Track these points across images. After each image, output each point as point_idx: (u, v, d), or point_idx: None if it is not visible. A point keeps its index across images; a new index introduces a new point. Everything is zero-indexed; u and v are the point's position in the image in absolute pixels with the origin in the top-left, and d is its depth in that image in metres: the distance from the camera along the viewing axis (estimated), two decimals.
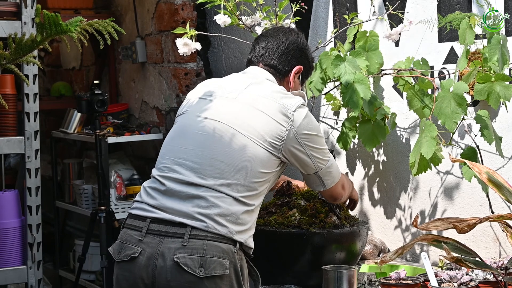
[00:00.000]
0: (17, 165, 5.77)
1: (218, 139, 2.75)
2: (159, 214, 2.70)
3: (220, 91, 2.87)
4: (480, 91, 3.02)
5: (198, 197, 2.68)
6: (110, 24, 2.32)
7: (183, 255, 2.63)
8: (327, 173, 2.93)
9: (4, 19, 4.06)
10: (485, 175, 2.64)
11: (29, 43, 2.13)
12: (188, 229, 2.65)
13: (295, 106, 2.80)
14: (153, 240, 2.68)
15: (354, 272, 2.82)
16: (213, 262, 2.63)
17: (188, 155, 2.75)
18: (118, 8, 5.48)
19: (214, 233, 2.65)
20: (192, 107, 2.86)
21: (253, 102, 2.80)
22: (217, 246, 2.65)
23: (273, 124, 2.77)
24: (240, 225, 2.70)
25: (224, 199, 2.68)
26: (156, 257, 2.66)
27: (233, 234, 2.68)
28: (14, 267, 4.14)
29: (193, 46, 3.24)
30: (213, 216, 2.65)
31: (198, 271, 2.62)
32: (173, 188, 2.72)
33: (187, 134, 2.80)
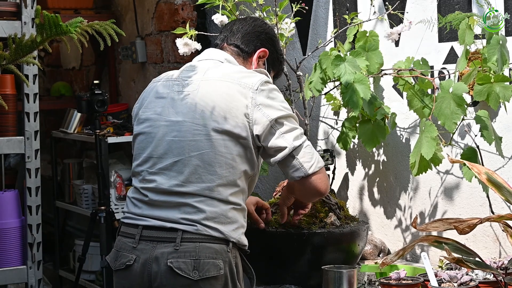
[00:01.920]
0: (17, 165, 5.77)
1: (190, 143, 2.71)
2: (150, 222, 2.70)
3: (178, 87, 2.80)
4: (479, 92, 3.02)
5: (183, 205, 2.67)
6: (111, 26, 2.32)
7: (176, 259, 2.63)
8: (304, 153, 2.73)
9: (4, 19, 4.06)
10: (484, 175, 2.64)
11: (29, 44, 2.14)
12: (179, 233, 2.65)
13: (258, 83, 2.73)
14: (147, 246, 2.69)
15: (354, 272, 2.82)
16: (206, 264, 2.63)
17: (165, 163, 2.72)
18: (118, 8, 5.48)
19: (205, 235, 2.65)
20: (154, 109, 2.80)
21: (214, 90, 2.73)
22: (209, 247, 2.64)
23: (239, 109, 2.69)
24: (230, 224, 2.69)
25: (209, 202, 2.66)
26: (151, 263, 2.66)
27: (225, 235, 2.67)
28: (14, 267, 4.14)
29: (193, 46, 3.24)
30: (201, 221, 2.65)
31: (192, 274, 2.62)
32: (156, 199, 2.71)
33: (158, 143, 2.75)
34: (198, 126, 2.70)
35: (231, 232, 2.68)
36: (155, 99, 2.81)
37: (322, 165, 2.78)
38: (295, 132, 2.74)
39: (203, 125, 2.70)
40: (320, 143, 3.93)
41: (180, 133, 2.72)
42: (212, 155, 2.68)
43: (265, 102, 2.72)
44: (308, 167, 2.74)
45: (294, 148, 2.72)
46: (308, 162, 2.74)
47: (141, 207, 2.74)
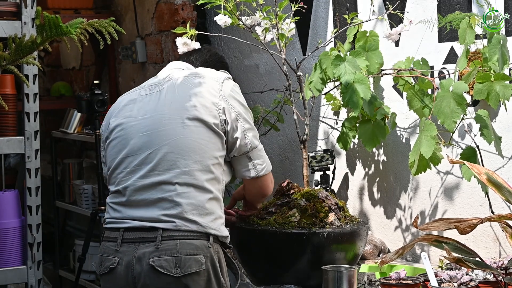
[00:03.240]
0: (17, 165, 5.77)
1: (160, 133, 2.79)
2: (130, 223, 2.76)
3: (145, 91, 2.92)
4: (479, 91, 3.02)
5: (161, 200, 2.73)
6: (110, 24, 2.32)
7: (158, 257, 2.69)
8: (259, 156, 2.90)
9: (4, 19, 4.06)
10: (484, 175, 2.64)
11: (29, 45, 2.14)
12: (159, 232, 2.70)
13: (223, 78, 2.89)
14: (129, 248, 2.74)
15: (354, 272, 2.82)
16: (188, 260, 2.69)
17: (139, 160, 2.79)
18: (118, 8, 5.48)
19: (185, 231, 2.70)
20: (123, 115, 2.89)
21: (181, 85, 2.86)
22: (190, 243, 2.70)
23: (205, 99, 2.82)
24: (208, 215, 2.75)
25: (185, 194, 2.73)
26: (133, 264, 2.72)
27: (205, 227, 2.73)
28: (14, 267, 4.14)
29: (192, 46, 3.24)
30: (179, 215, 2.71)
31: (174, 271, 2.68)
32: (134, 198, 2.77)
33: (131, 142, 2.82)
34: (168, 116, 2.80)
35: (210, 223, 2.74)
36: (124, 107, 2.92)
37: (271, 169, 2.97)
38: (255, 132, 2.90)
39: (173, 115, 2.80)
40: (320, 143, 3.94)
41: (151, 126, 2.81)
42: (185, 141, 2.77)
43: (231, 95, 2.86)
44: (260, 169, 2.91)
45: (253, 148, 2.88)
46: (261, 165, 2.92)
47: (120, 210, 2.80)
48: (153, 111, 2.84)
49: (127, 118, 2.87)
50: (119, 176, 2.83)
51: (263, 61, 4.30)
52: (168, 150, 2.76)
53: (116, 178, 2.84)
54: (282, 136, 4.17)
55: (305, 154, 3.35)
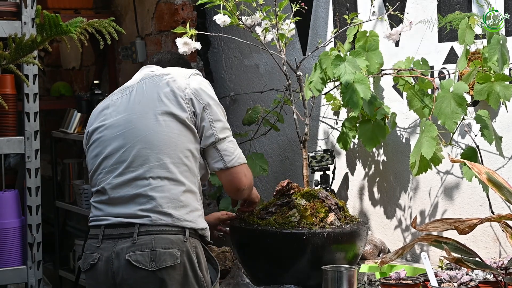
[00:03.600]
0: (17, 165, 5.77)
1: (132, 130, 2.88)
2: (110, 220, 2.85)
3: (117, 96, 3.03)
4: (480, 91, 3.02)
5: (137, 196, 2.81)
6: (110, 24, 2.32)
7: (134, 252, 2.77)
8: (227, 147, 2.92)
9: (4, 19, 4.05)
10: (485, 175, 2.64)
11: (29, 44, 2.14)
12: (136, 227, 2.79)
13: (190, 73, 2.97)
14: (109, 244, 2.83)
15: (354, 272, 2.82)
16: (163, 254, 2.75)
17: (114, 159, 2.89)
18: (118, 8, 5.48)
19: (160, 225, 2.77)
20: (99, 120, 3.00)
21: (148, 84, 2.97)
22: (165, 238, 2.77)
23: (173, 94, 2.90)
24: (183, 207, 2.81)
25: (159, 188, 2.80)
26: (112, 260, 2.81)
27: (180, 220, 2.79)
28: (14, 267, 4.13)
29: (193, 45, 3.24)
30: (154, 209, 2.79)
31: (150, 265, 2.75)
32: (114, 196, 2.86)
33: (106, 143, 2.93)
34: (138, 114, 2.90)
35: (185, 215, 2.81)
36: (99, 114, 3.03)
37: (242, 161, 2.95)
38: (224, 124, 2.94)
39: (143, 112, 2.89)
40: (320, 143, 3.94)
41: (123, 126, 2.91)
42: (156, 135, 2.85)
43: (199, 87, 2.93)
44: (228, 161, 2.91)
45: (219, 139, 2.91)
46: (229, 156, 2.92)
47: (101, 209, 2.90)
48: (124, 111, 2.94)
49: (102, 122, 2.98)
50: (99, 177, 2.93)
51: (263, 61, 4.30)
52: (140, 146, 2.85)
53: (97, 179, 2.94)
54: (282, 136, 4.17)
55: (305, 154, 3.35)
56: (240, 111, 4.46)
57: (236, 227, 3.20)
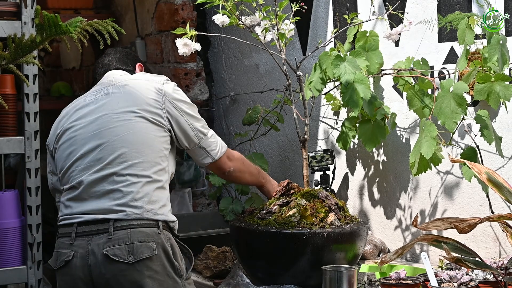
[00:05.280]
0: (17, 165, 5.76)
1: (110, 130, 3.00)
2: (83, 218, 2.94)
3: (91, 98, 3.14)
4: (480, 91, 3.02)
5: (112, 191, 2.93)
6: (110, 24, 2.33)
7: (111, 247, 2.87)
8: (211, 143, 3.14)
9: (4, 19, 4.05)
10: (485, 175, 2.64)
11: (29, 44, 2.14)
12: (111, 223, 2.89)
13: (163, 80, 3.11)
14: (82, 241, 2.92)
15: (354, 272, 2.82)
16: (140, 247, 2.87)
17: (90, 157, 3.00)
18: (118, 8, 5.48)
19: (135, 219, 2.90)
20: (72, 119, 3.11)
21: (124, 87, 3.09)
22: (140, 231, 2.89)
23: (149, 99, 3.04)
24: (154, 202, 2.95)
25: (134, 185, 2.93)
26: (88, 256, 2.90)
27: (153, 214, 2.93)
28: (14, 267, 4.13)
29: (193, 47, 3.24)
30: (129, 203, 2.91)
31: (128, 258, 2.86)
32: (86, 191, 2.96)
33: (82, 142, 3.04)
34: (117, 115, 3.02)
35: (158, 209, 2.95)
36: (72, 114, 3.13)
37: (225, 149, 3.19)
38: (201, 122, 3.13)
39: (121, 113, 3.02)
40: (320, 143, 3.94)
41: (100, 125, 3.02)
42: (134, 136, 2.98)
43: (172, 95, 3.08)
44: (214, 154, 3.15)
45: (201, 138, 3.11)
46: (214, 150, 3.15)
47: (72, 206, 2.99)
48: (101, 111, 3.05)
49: (76, 122, 3.09)
50: (72, 174, 3.02)
51: (263, 61, 4.30)
52: (119, 145, 2.98)
53: (69, 176, 3.03)
54: (282, 136, 4.17)
55: (305, 154, 3.35)
56: (240, 111, 4.46)
57: (236, 227, 3.20)
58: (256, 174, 3.35)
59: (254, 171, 3.35)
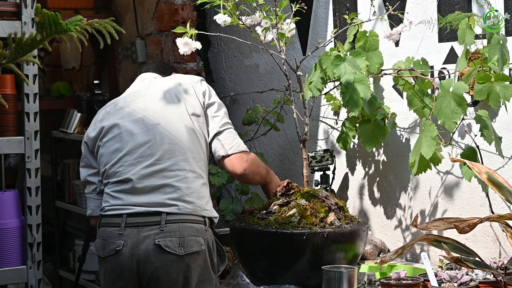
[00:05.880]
0: (17, 165, 5.77)
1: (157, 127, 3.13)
2: (133, 209, 3.06)
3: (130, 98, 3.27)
4: (480, 91, 3.02)
5: (163, 186, 3.06)
6: (110, 24, 2.32)
7: (163, 238, 2.99)
8: (227, 136, 3.20)
9: (4, 19, 4.05)
10: (485, 175, 2.64)
11: (29, 43, 2.14)
12: (163, 216, 3.02)
13: (197, 80, 3.27)
14: (132, 232, 3.03)
15: (354, 272, 2.82)
16: (190, 241, 3.01)
17: (139, 153, 3.12)
18: (118, 8, 5.48)
19: (186, 214, 3.03)
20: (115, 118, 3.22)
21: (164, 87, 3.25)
22: (191, 226, 3.03)
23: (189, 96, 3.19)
24: (202, 198, 3.09)
25: (184, 179, 3.07)
26: (138, 245, 3.01)
27: (201, 209, 3.07)
28: (14, 267, 4.14)
29: (193, 46, 3.24)
30: (181, 197, 3.04)
31: (178, 250, 3.00)
32: (138, 186, 3.07)
33: (128, 139, 3.15)
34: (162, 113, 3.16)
35: (205, 205, 3.09)
36: (115, 111, 3.24)
37: (242, 149, 3.22)
38: (224, 119, 3.23)
39: (166, 111, 3.16)
40: (320, 143, 3.94)
41: (147, 123, 3.15)
42: (181, 132, 3.12)
43: (207, 90, 3.24)
44: (228, 148, 3.19)
45: (219, 131, 3.19)
46: (229, 144, 3.19)
47: (122, 198, 3.09)
48: (144, 110, 3.18)
49: (121, 119, 3.19)
50: (119, 169, 3.12)
51: (263, 61, 4.30)
52: (168, 141, 3.10)
53: (117, 171, 3.13)
54: (282, 136, 4.17)
55: (305, 154, 3.35)
56: (240, 111, 4.46)
57: (236, 227, 3.21)
58: (265, 176, 3.35)
59: (263, 172, 3.34)
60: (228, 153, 3.18)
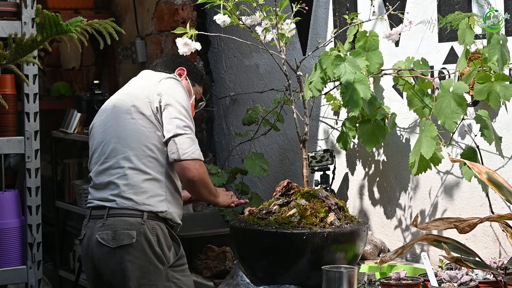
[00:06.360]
0: (17, 165, 5.77)
1: (110, 127, 3.33)
2: (94, 203, 3.33)
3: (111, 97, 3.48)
4: (480, 91, 3.02)
5: (109, 183, 3.27)
6: (110, 24, 2.33)
7: (102, 231, 3.23)
8: (183, 142, 3.22)
9: (4, 19, 4.06)
10: (485, 175, 2.64)
11: (29, 43, 2.14)
12: (106, 210, 3.26)
13: (163, 77, 3.35)
14: (91, 223, 3.31)
15: (354, 272, 2.82)
16: (122, 234, 3.20)
17: (98, 152, 3.35)
18: (118, 8, 5.48)
19: (123, 209, 3.22)
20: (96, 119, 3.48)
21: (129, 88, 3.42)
22: (125, 220, 3.21)
23: (145, 96, 3.29)
24: (143, 193, 3.23)
25: (123, 177, 3.24)
26: (91, 237, 3.28)
27: (139, 204, 3.22)
28: (14, 267, 4.14)
29: (193, 46, 3.24)
30: (120, 194, 3.23)
31: (111, 243, 3.20)
32: (96, 182, 3.33)
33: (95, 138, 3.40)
34: (116, 113, 3.34)
35: (144, 200, 3.22)
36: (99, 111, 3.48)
37: (196, 157, 3.24)
38: (183, 122, 3.24)
39: (119, 112, 3.33)
40: (320, 143, 3.94)
41: (105, 123, 3.36)
42: (125, 132, 3.28)
43: (165, 90, 3.28)
44: (182, 153, 3.22)
45: (176, 134, 3.22)
46: (183, 150, 3.22)
47: (91, 193, 3.38)
48: (109, 111, 3.39)
49: (96, 120, 3.44)
50: (90, 166, 3.41)
51: (263, 61, 4.30)
52: (114, 140, 3.29)
53: (90, 168, 3.43)
54: (282, 136, 4.17)
55: (305, 154, 3.35)
56: (240, 111, 4.46)
57: (236, 227, 3.21)
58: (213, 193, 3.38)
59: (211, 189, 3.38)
60: (180, 158, 3.22)
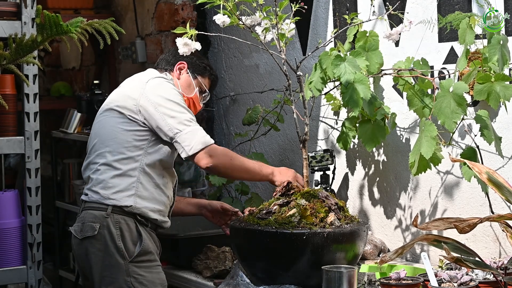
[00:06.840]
0: (17, 165, 5.77)
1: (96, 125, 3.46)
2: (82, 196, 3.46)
3: None
4: (480, 91, 3.02)
5: (88, 178, 3.42)
6: (110, 24, 2.33)
7: (76, 223, 3.40)
8: (185, 138, 3.28)
9: (4, 19, 4.06)
10: (485, 175, 2.64)
11: (30, 44, 2.14)
12: (82, 204, 3.42)
13: (150, 77, 3.41)
14: None
15: (354, 272, 2.82)
16: (87, 226, 3.33)
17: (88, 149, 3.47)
18: (118, 8, 5.48)
19: (91, 202, 3.35)
20: None
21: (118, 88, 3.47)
22: (91, 213, 3.34)
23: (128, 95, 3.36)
24: (110, 188, 3.33)
25: (96, 172, 3.36)
26: None
27: (104, 198, 3.32)
28: (14, 267, 4.14)
29: (193, 46, 3.24)
30: (91, 188, 3.37)
31: (79, 234, 3.34)
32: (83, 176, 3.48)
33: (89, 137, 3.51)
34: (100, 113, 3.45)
35: (110, 195, 3.32)
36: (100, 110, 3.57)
37: (202, 146, 3.28)
38: (177, 119, 3.29)
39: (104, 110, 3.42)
40: (320, 143, 3.94)
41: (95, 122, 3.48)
42: (103, 129, 3.39)
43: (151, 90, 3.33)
44: (188, 150, 3.28)
45: (175, 133, 3.29)
46: (188, 146, 3.28)
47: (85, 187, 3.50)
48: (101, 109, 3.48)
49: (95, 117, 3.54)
50: None
51: (263, 61, 4.30)
52: (95, 137, 3.43)
53: None
54: (282, 136, 4.18)
55: (305, 154, 3.34)
56: (240, 111, 4.46)
57: (236, 227, 3.21)
58: (253, 172, 3.39)
59: (250, 167, 3.38)
60: (189, 154, 3.28)
